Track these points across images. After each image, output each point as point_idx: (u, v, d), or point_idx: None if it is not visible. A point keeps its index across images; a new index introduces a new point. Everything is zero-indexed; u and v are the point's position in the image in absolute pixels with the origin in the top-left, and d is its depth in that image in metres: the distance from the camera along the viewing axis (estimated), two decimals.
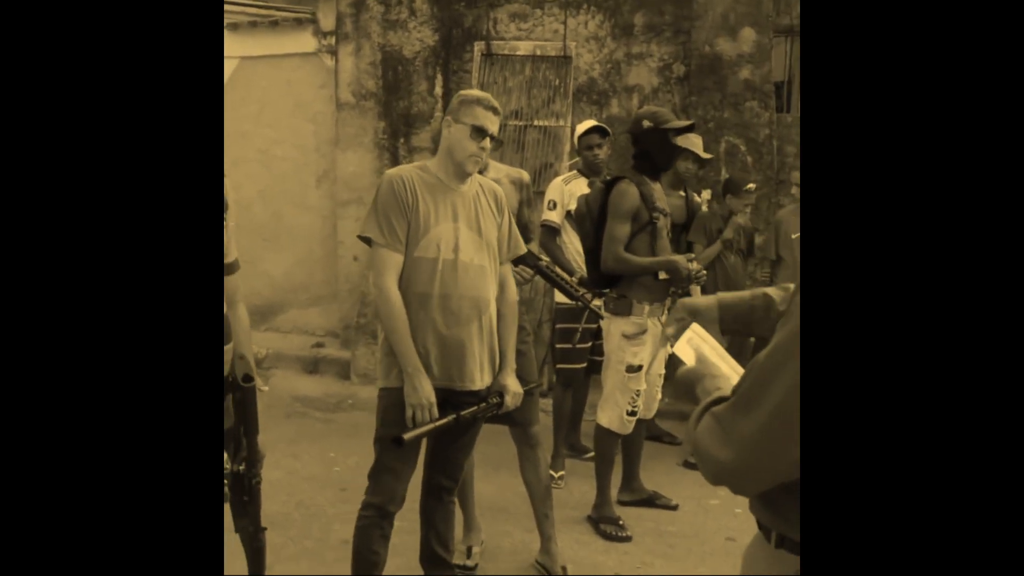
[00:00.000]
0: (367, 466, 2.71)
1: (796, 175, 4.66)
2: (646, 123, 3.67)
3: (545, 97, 6.40)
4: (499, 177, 3.26)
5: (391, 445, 2.47)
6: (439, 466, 2.85)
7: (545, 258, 3.36)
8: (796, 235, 4.55)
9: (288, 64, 6.89)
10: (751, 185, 4.86)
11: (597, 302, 3.81)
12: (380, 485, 2.67)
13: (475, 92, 2.72)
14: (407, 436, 2.46)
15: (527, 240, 3.24)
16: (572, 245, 4.37)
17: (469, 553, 3.40)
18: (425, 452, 2.84)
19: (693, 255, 4.35)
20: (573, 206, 4.16)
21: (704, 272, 3.89)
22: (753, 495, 1.29)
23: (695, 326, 1.64)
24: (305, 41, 6.87)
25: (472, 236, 2.64)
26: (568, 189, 4.45)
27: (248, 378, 1.93)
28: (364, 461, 2.81)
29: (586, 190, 4.07)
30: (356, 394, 6.08)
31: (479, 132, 2.60)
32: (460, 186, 2.67)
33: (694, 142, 4.42)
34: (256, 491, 2.04)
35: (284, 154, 6.95)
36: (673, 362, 1.58)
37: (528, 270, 3.24)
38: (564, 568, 3.29)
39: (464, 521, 3.45)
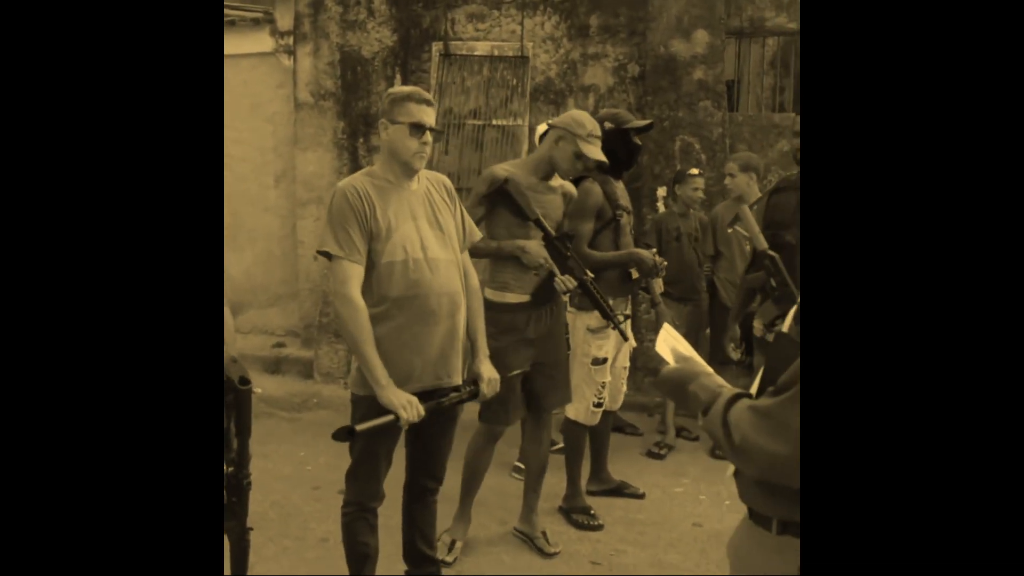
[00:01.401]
0: (338, 464, 2.75)
1: (731, 166, 4.83)
2: (608, 125, 3.78)
3: (503, 97, 6.48)
4: (556, 186, 3.44)
5: (345, 437, 2.44)
6: (421, 467, 2.87)
7: (589, 273, 3.37)
8: (730, 230, 4.70)
9: (245, 64, 6.86)
10: (693, 170, 5.05)
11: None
12: (358, 485, 2.71)
13: (404, 89, 2.69)
14: (360, 427, 2.44)
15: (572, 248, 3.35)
16: None
17: (451, 547, 3.46)
18: (406, 456, 2.87)
19: (655, 248, 4.49)
20: None
21: (664, 263, 4.03)
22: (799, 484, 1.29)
23: (666, 326, 1.70)
24: (262, 41, 6.84)
25: (434, 232, 2.66)
26: None
27: (245, 380, 1.94)
28: (334, 460, 2.85)
29: None
30: (320, 392, 6.11)
31: (417, 128, 2.59)
32: (410, 184, 2.67)
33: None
34: (246, 492, 2.05)
35: (242, 154, 6.92)
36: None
37: (572, 280, 3.27)
38: (544, 533, 3.48)
39: (457, 512, 3.52)
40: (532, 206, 3.23)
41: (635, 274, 3.65)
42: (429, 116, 2.63)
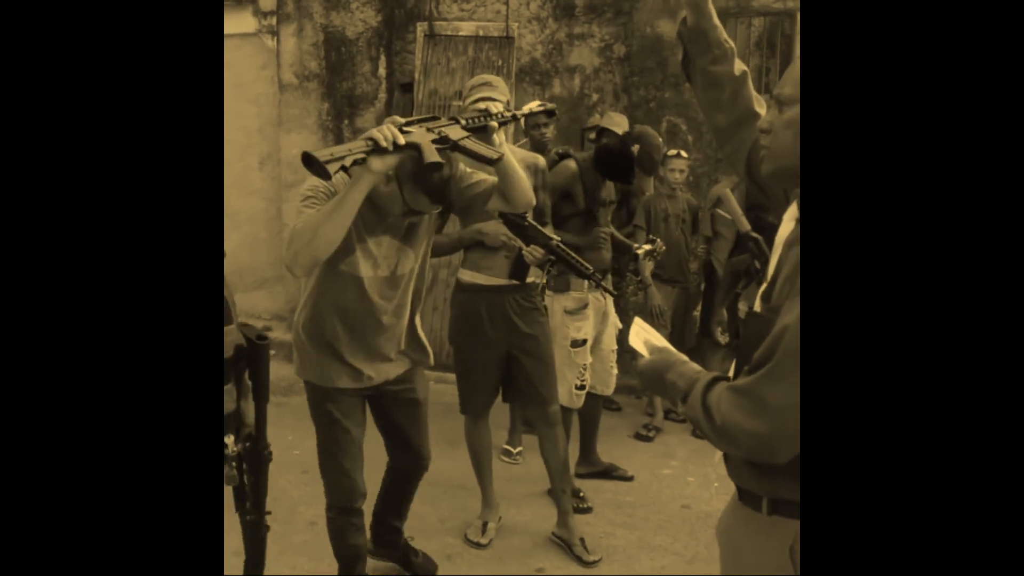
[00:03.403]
0: None
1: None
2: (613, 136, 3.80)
3: None
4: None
5: (306, 162, 2.04)
6: (401, 453, 2.91)
7: (555, 236, 3.27)
8: (721, 210, 4.70)
9: (228, 45, 6.73)
10: (672, 151, 5.03)
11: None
12: (336, 486, 2.69)
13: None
14: (319, 155, 2.03)
15: (543, 224, 3.28)
16: None
17: (484, 529, 3.49)
18: (385, 444, 2.91)
19: (645, 229, 4.50)
20: None
21: (663, 247, 4.04)
22: (784, 461, 1.28)
23: (637, 320, 1.70)
24: (245, 22, 6.75)
25: None
26: None
27: (262, 336, 1.85)
28: None
29: None
30: None
31: None
32: None
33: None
34: (265, 466, 1.91)
35: (227, 136, 6.81)
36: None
37: (539, 249, 3.21)
38: (582, 540, 3.42)
39: (483, 498, 3.55)
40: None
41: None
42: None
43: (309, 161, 2.01)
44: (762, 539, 1.38)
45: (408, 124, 2.17)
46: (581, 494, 3.87)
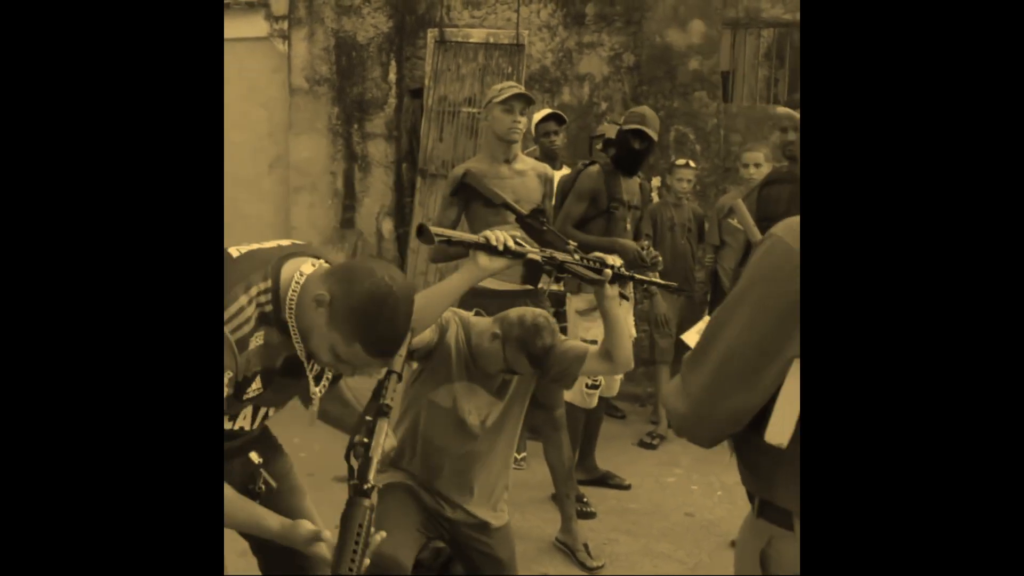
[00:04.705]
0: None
1: (754, 156, 4.75)
2: (619, 124, 3.92)
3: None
4: (525, 169, 3.42)
5: (421, 234, 2.16)
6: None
7: (571, 243, 3.29)
8: (733, 220, 4.70)
9: (240, 49, 6.81)
10: (680, 161, 5.09)
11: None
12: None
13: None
14: (436, 229, 2.18)
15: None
16: None
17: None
18: None
19: (647, 243, 4.50)
20: None
21: (659, 257, 4.04)
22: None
23: (705, 319, 1.75)
24: (257, 26, 6.80)
25: None
26: None
27: None
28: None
29: None
30: None
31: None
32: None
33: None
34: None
35: (237, 140, 6.87)
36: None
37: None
38: (586, 545, 3.43)
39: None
40: (495, 191, 3.20)
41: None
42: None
43: (421, 231, 2.17)
44: (747, 537, 1.39)
45: (524, 240, 2.31)
46: (584, 499, 3.88)
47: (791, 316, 1.16)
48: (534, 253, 2.30)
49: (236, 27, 6.72)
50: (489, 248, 2.20)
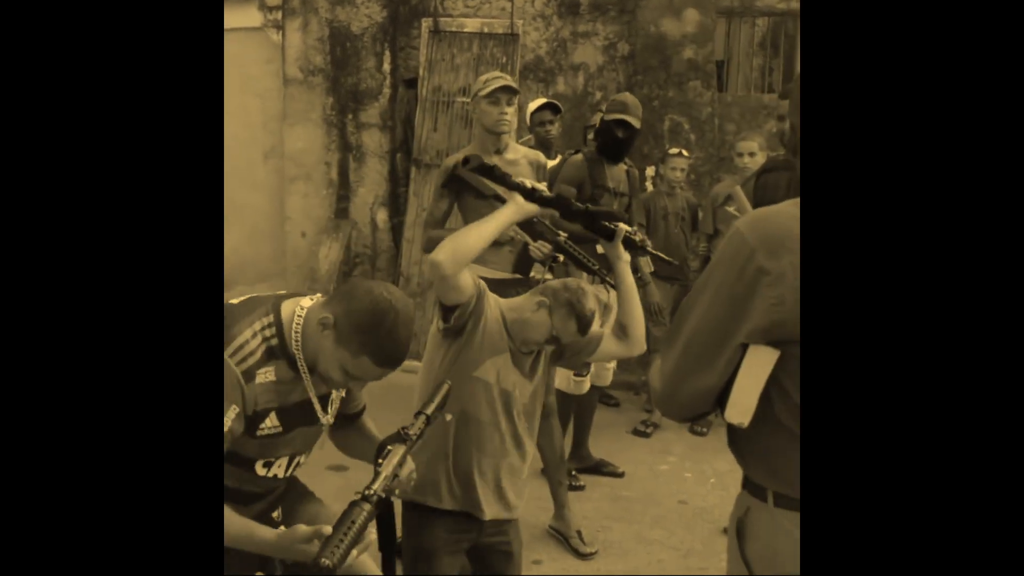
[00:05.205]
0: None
1: (749, 145, 4.74)
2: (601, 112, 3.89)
3: None
4: (517, 158, 3.40)
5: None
6: None
7: (562, 233, 3.22)
8: (731, 208, 4.71)
9: (233, 39, 6.78)
10: (674, 150, 5.09)
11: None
12: None
13: None
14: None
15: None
16: None
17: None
18: None
19: (638, 230, 4.50)
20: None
21: (648, 241, 4.05)
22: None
23: None
24: (250, 16, 6.79)
25: None
26: None
27: None
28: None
29: None
30: None
31: None
32: None
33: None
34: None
35: (231, 130, 6.86)
36: None
37: (546, 245, 3.18)
38: (579, 532, 3.45)
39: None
40: (485, 182, 3.05)
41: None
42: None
43: (467, 160, 2.70)
44: (733, 509, 1.44)
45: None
46: (573, 472, 3.90)
47: (742, 304, 1.24)
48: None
49: (230, 17, 6.69)
50: (524, 191, 2.37)
